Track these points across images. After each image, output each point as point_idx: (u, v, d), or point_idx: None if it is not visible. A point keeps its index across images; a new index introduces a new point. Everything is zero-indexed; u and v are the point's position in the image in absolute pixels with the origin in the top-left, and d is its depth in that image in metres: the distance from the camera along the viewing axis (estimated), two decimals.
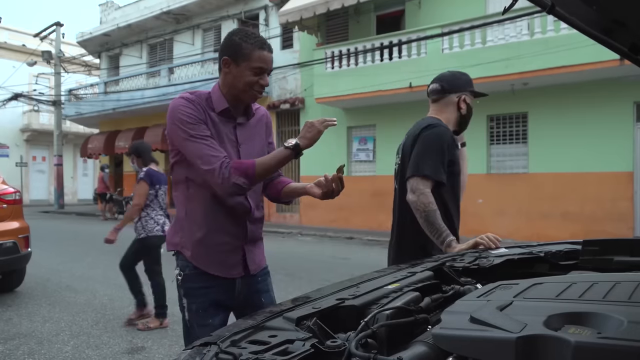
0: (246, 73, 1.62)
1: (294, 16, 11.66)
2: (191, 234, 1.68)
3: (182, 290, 1.70)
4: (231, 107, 1.69)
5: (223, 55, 1.64)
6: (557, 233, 8.81)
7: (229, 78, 1.65)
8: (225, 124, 1.69)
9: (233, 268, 1.71)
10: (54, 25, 19.86)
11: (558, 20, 7.66)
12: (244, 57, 1.61)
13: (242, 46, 1.61)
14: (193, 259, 1.68)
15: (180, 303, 1.72)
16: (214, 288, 1.68)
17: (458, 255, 1.62)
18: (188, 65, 15.13)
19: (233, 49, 1.62)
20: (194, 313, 1.67)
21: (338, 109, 12.37)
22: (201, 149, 1.58)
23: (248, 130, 1.76)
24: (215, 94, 1.69)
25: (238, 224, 1.71)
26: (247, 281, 1.75)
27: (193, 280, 1.68)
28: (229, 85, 1.66)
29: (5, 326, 4.16)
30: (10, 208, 5.17)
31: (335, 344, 0.83)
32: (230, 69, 1.63)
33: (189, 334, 1.70)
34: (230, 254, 1.71)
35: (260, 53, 1.62)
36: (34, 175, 24.81)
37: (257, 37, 1.64)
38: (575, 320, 0.77)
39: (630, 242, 1.58)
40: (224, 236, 1.69)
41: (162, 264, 4.39)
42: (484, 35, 9.58)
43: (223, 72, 1.66)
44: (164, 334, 3.96)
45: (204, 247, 1.67)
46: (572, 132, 9.27)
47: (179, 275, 1.70)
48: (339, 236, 10.87)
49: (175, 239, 1.73)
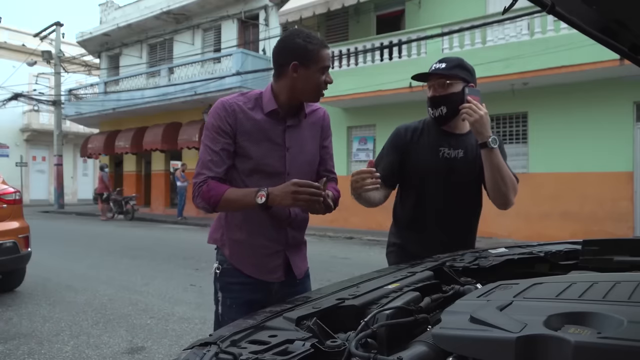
0: (317, 75, 1.59)
1: (294, 16, 11.67)
2: (231, 234, 1.70)
3: (219, 284, 1.71)
4: (281, 109, 1.65)
5: (291, 60, 1.57)
6: (557, 233, 8.81)
7: (298, 82, 1.60)
8: (274, 127, 1.65)
9: (273, 272, 1.69)
10: (54, 25, 19.86)
11: (558, 20, 7.66)
12: (313, 59, 1.57)
13: (309, 48, 1.57)
14: (231, 258, 1.69)
15: (215, 296, 1.73)
16: (250, 286, 1.68)
17: (458, 255, 1.62)
18: (188, 65, 15.13)
19: (300, 52, 1.57)
20: (228, 307, 1.68)
21: (338, 108, 12.37)
22: (203, 159, 1.63)
23: (299, 133, 1.70)
24: (266, 95, 1.66)
25: (278, 229, 1.69)
26: (286, 283, 1.72)
27: (230, 275, 1.69)
28: (296, 88, 1.61)
29: (5, 326, 4.16)
30: (10, 208, 5.17)
31: (335, 344, 0.83)
32: (299, 72, 1.58)
33: (219, 328, 1.70)
34: (270, 258, 1.69)
35: (325, 52, 1.61)
36: (34, 175, 24.81)
37: (316, 36, 1.63)
38: (575, 320, 0.77)
39: (630, 242, 1.58)
40: (264, 240, 1.68)
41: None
42: (484, 35, 9.58)
43: (289, 77, 1.60)
44: (164, 334, 3.96)
45: (243, 248, 1.68)
46: (572, 132, 9.27)
47: (217, 269, 1.71)
48: (338, 236, 10.87)
49: (216, 235, 1.75)
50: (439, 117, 1.85)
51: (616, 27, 1.06)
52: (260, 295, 1.68)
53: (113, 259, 7.68)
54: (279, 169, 1.65)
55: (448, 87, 1.81)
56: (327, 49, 1.62)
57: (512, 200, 1.79)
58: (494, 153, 1.72)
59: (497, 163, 1.72)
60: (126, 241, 9.92)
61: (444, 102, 1.82)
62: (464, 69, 1.84)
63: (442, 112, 1.83)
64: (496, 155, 1.72)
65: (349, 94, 11.23)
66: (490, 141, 1.71)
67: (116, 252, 8.29)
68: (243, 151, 1.63)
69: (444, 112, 1.83)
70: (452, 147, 1.86)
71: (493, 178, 1.75)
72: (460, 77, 1.81)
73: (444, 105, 1.82)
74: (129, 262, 7.44)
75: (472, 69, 1.88)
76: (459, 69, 1.82)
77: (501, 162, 1.74)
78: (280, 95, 1.64)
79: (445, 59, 1.87)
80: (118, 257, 7.87)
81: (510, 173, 1.78)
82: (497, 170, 1.72)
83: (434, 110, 1.86)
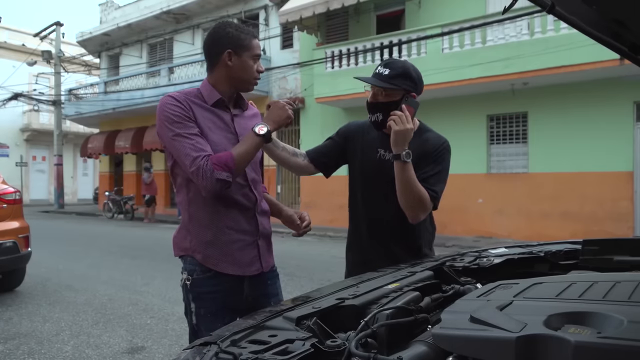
0: (249, 62, 1.66)
1: (294, 16, 11.66)
2: (200, 236, 1.65)
3: (191, 295, 1.66)
4: (224, 99, 1.70)
5: (225, 49, 1.63)
6: (557, 233, 8.80)
7: (232, 70, 1.66)
8: (222, 116, 1.69)
9: (251, 265, 1.69)
10: (54, 25, 19.86)
11: (558, 20, 7.65)
12: (245, 47, 1.64)
13: (241, 37, 1.64)
14: (205, 262, 1.64)
15: (187, 308, 1.68)
16: (223, 292, 1.66)
17: (458, 255, 1.62)
18: (188, 65, 15.12)
19: (233, 40, 1.64)
20: (203, 317, 1.64)
21: (338, 108, 12.37)
22: (185, 148, 1.55)
23: (245, 122, 1.75)
24: (205, 88, 1.69)
25: (247, 219, 1.69)
26: (255, 283, 1.72)
27: (202, 285, 1.65)
28: (232, 77, 1.67)
29: (5, 326, 4.16)
30: (10, 208, 5.17)
31: (335, 344, 0.83)
32: (233, 60, 1.64)
33: (195, 339, 1.67)
34: (245, 251, 1.68)
35: (256, 41, 1.68)
36: (34, 175, 24.81)
37: (245, 27, 1.70)
38: (575, 320, 0.77)
39: (630, 242, 1.58)
40: (235, 233, 1.66)
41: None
42: (484, 35, 9.57)
43: (223, 66, 1.66)
44: (164, 334, 3.96)
45: (216, 248, 1.64)
46: (572, 131, 9.27)
47: (187, 279, 1.66)
48: (339, 236, 10.86)
49: (184, 244, 1.69)
50: (374, 123, 1.84)
51: (616, 27, 1.06)
52: (234, 299, 1.68)
53: (113, 259, 7.68)
54: None
55: (387, 95, 1.79)
56: (257, 39, 1.70)
57: (419, 217, 1.76)
58: (406, 167, 1.69)
59: (407, 177, 1.70)
60: (126, 241, 9.92)
61: (380, 109, 1.80)
62: (407, 77, 1.78)
63: (377, 118, 1.81)
64: (408, 169, 1.70)
65: (349, 94, 11.22)
66: (404, 154, 1.68)
67: (116, 252, 8.28)
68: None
69: (379, 119, 1.81)
70: (388, 149, 1.81)
71: (403, 192, 1.72)
72: (401, 87, 1.77)
73: (380, 112, 1.80)
74: (129, 262, 7.44)
75: (418, 78, 1.82)
76: (401, 79, 1.77)
77: (412, 177, 1.70)
78: (218, 85, 1.69)
79: (390, 63, 1.81)
80: (118, 257, 7.87)
81: (421, 191, 1.72)
82: (408, 184, 1.70)
83: (371, 116, 1.85)
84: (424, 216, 1.77)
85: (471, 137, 10.31)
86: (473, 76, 9.50)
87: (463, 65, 9.52)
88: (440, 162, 1.81)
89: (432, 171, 1.78)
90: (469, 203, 10.22)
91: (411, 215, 1.76)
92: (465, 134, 10.20)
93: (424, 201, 1.72)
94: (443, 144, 1.84)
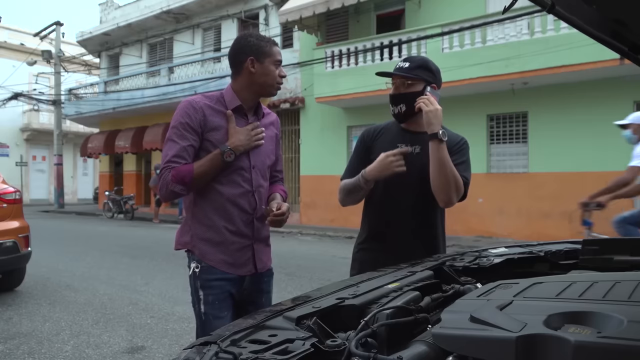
0: (271, 68, 1.76)
1: (294, 15, 11.66)
2: (199, 234, 1.76)
3: (199, 282, 1.75)
4: (244, 106, 1.80)
5: (247, 57, 1.74)
6: (557, 232, 8.80)
7: (255, 76, 1.75)
8: (238, 122, 1.78)
9: (244, 266, 1.79)
10: (53, 25, 19.86)
11: (558, 20, 7.65)
12: (266, 54, 1.75)
13: (261, 45, 1.75)
14: (202, 257, 1.75)
15: (195, 296, 1.76)
16: (227, 280, 1.76)
17: (458, 255, 1.62)
18: (188, 65, 15.12)
19: (254, 48, 1.74)
20: (211, 305, 1.72)
21: (338, 108, 12.37)
22: (167, 152, 1.70)
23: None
24: (228, 94, 1.80)
25: (246, 223, 1.78)
26: (254, 279, 1.83)
27: (209, 273, 1.74)
28: (255, 83, 1.76)
29: (5, 325, 4.16)
30: (10, 207, 5.17)
31: (335, 344, 0.83)
32: (256, 67, 1.74)
33: (203, 327, 1.72)
34: (240, 253, 1.78)
35: (276, 48, 1.79)
36: (34, 174, 24.82)
37: (265, 36, 1.82)
38: (575, 320, 0.77)
39: (630, 242, 1.58)
40: (232, 235, 1.76)
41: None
42: (484, 34, 9.57)
43: (246, 72, 1.75)
44: (164, 334, 3.96)
45: (212, 246, 1.75)
46: (572, 131, 9.27)
47: (196, 267, 1.75)
48: (338, 235, 10.86)
49: (185, 238, 1.80)
50: (397, 114, 1.90)
51: (616, 26, 1.06)
52: (235, 290, 1.78)
53: (113, 259, 7.68)
54: (245, 162, 1.77)
55: (409, 86, 1.85)
56: (277, 46, 1.81)
57: (453, 200, 1.78)
58: (442, 147, 1.72)
59: (443, 157, 1.72)
60: (126, 241, 9.93)
61: (403, 100, 1.85)
62: (426, 69, 1.86)
63: (401, 109, 1.87)
64: (444, 149, 1.73)
65: (349, 94, 11.23)
66: (440, 133, 1.72)
67: (116, 252, 8.28)
68: (212, 145, 1.73)
69: (402, 110, 1.87)
70: (409, 143, 1.87)
71: (438, 172, 1.73)
72: (422, 78, 1.84)
73: (403, 103, 1.86)
74: (129, 261, 7.44)
75: (437, 70, 1.90)
76: (421, 70, 1.85)
77: (448, 157, 1.73)
78: (241, 92, 1.79)
79: (410, 58, 1.90)
80: (118, 257, 7.87)
81: (456, 172, 1.75)
82: (443, 164, 1.72)
83: (394, 108, 1.90)
84: (456, 199, 1.80)
85: (471, 137, 10.14)
86: (473, 76, 9.50)
87: (463, 65, 9.52)
88: (464, 154, 1.88)
89: (458, 160, 1.83)
90: (469, 203, 10.10)
91: (445, 199, 1.77)
92: (465, 133, 9.89)
93: (458, 182, 1.76)
94: (462, 139, 1.93)
